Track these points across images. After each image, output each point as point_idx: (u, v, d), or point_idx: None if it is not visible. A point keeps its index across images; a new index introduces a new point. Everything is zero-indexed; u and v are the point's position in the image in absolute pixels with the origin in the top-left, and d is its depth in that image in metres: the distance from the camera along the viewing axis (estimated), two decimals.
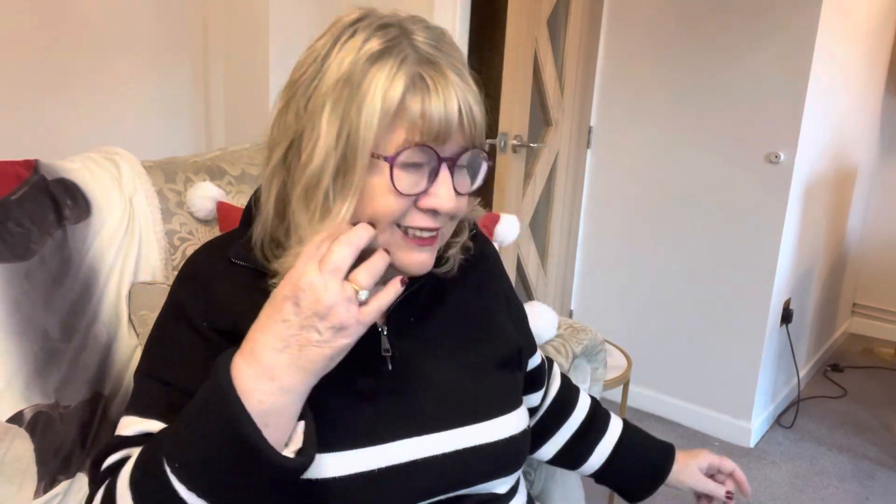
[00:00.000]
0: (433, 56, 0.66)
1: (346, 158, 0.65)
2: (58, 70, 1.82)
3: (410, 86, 0.64)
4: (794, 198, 2.30)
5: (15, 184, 1.07)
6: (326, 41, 0.68)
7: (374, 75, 0.64)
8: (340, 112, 0.65)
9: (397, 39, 0.66)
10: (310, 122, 0.67)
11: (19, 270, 1.02)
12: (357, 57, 0.65)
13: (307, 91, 0.67)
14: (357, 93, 0.64)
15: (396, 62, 0.64)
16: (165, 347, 0.75)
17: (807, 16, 2.14)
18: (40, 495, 0.98)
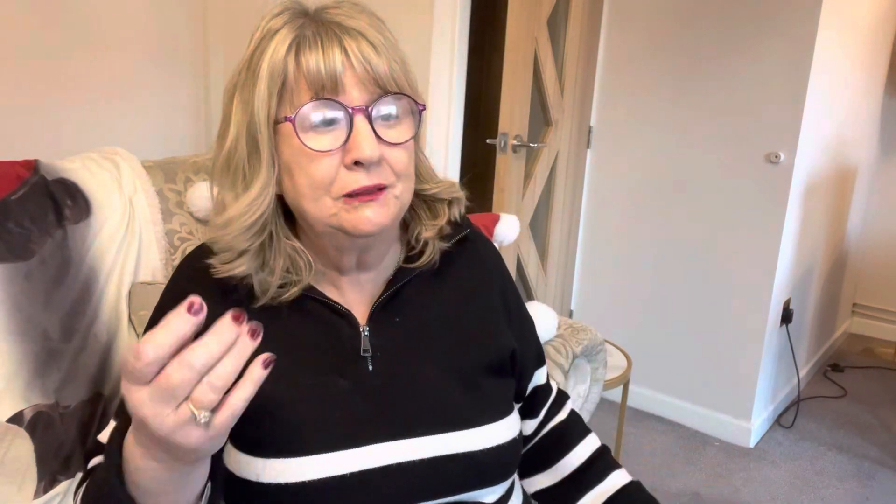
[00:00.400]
0: (323, 17, 0.68)
1: (250, 132, 0.68)
2: (58, 70, 1.82)
3: (291, 47, 0.66)
4: (794, 198, 2.30)
5: (15, 184, 1.07)
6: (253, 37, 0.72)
7: (267, 49, 0.67)
8: (246, 93, 0.69)
9: (301, 14, 0.69)
10: (228, 110, 0.71)
11: (19, 270, 1.02)
12: (259, 38, 0.69)
13: (228, 87, 0.72)
14: (255, 70, 0.68)
15: (290, 31, 0.67)
16: None
17: (807, 16, 2.14)
18: (40, 495, 0.98)
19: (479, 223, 1.43)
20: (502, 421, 0.77)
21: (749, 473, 2.28)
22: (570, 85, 2.45)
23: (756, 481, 2.23)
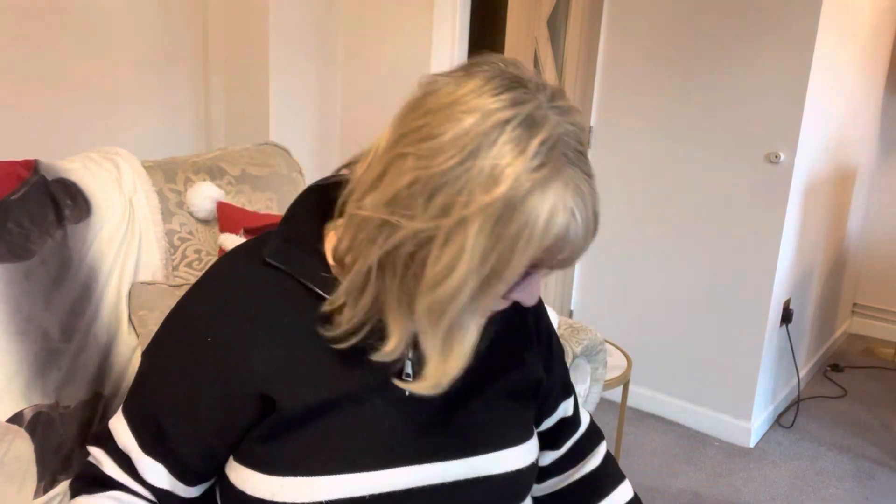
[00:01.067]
0: (583, 176, 0.61)
1: (486, 285, 0.60)
2: (58, 70, 1.82)
3: (568, 218, 0.59)
4: (794, 198, 2.30)
5: (15, 184, 1.07)
6: (474, 127, 0.58)
7: (536, 205, 0.57)
8: (493, 235, 0.58)
9: (557, 158, 0.59)
10: (451, 230, 0.58)
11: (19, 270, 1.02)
12: (518, 177, 0.57)
13: (448, 186, 0.58)
14: (515, 219, 0.57)
15: (559, 190, 0.58)
16: (160, 360, 0.73)
17: (807, 16, 2.14)
18: (40, 495, 0.98)
19: None
20: (523, 445, 0.78)
21: (749, 473, 2.28)
22: (570, 85, 2.45)
23: (756, 481, 2.23)
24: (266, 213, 1.33)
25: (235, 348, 0.68)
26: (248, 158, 1.44)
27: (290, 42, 2.13)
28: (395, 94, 2.40)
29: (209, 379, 0.69)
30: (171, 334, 0.73)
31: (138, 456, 0.71)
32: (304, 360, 0.69)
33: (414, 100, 0.64)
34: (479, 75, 0.61)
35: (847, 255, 3.27)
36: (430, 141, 0.59)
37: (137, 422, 0.72)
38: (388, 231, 0.61)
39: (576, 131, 0.62)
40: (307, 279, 0.69)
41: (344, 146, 2.40)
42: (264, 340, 0.68)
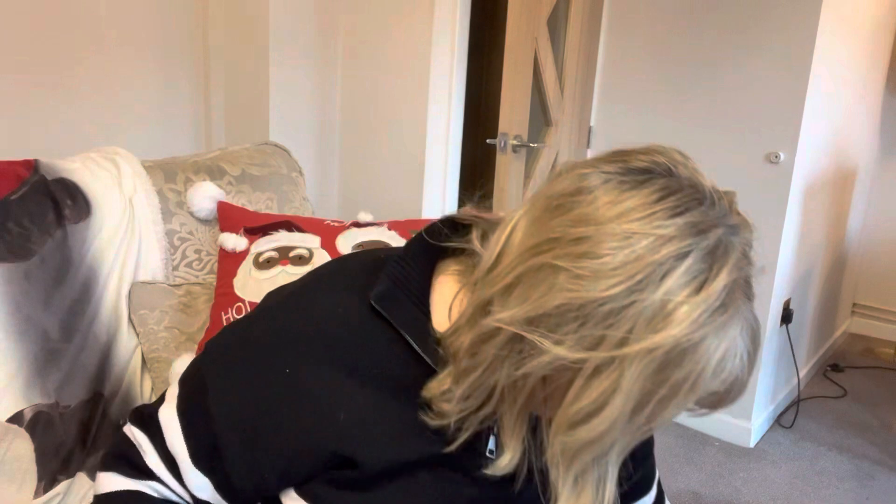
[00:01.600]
0: (751, 302, 0.54)
1: (636, 428, 0.53)
2: (58, 70, 1.82)
3: (737, 365, 0.53)
4: (794, 198, 2.30)
5: (15, 184, 1.07)
6: (648, 254, 0.50)
7: (708, 350, 0.51)
8: (655, 380, 0.51)
9: (731, 292, 0.51)
10: (603, 363, 0.51)
11: (19, 270, 1.02)
12: (696, 320, 0.50)
13: (608, 317, 0.50)
14: (684, 365, 0.51)
15: (733, 338, 0.52)
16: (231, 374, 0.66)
17: (807, 16, 2.14)
18: (40, 495, 0.98)
19: None
20: None
21: (749, 473, 2.28)
22: (570, 85, 2.45)
23: (756, 481, 2.23)
24: (266, 213, 1.33)
25: (320, 397, 0.62)
26: (248, 158, 1.45)
27: (290, 42, 2.13)
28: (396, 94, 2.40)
29: (284, 421, 0.63)
30: (247, 349, 0.66)
31: (187, 466, 0.67)
32: (391, 416, 0.63)
33: (562, 196, 0.55)
34: (648, 184, 0.54)
35: (847, 255, 3.27)
36: (591, 260, 0.51)
37: (192, 430, 0.67)
38: (524, 349, 0.53)
39: (751, 253, 0.55)
40: (413, 338, 0.62)
41: (344, 146, 2.40)
42: (353, 391, 0.62)
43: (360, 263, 0.70)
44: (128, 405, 1.13)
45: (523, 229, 0.56)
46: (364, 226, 1.28)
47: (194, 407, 0.67)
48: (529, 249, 0.54)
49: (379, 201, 2.36)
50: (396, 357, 0.63)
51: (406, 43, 2.12)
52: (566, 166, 0.59)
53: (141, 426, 0.72)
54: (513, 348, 0.54)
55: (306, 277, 0.71)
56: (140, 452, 0.71)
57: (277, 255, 1.19)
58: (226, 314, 1.15)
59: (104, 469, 0.72)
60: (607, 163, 0.57)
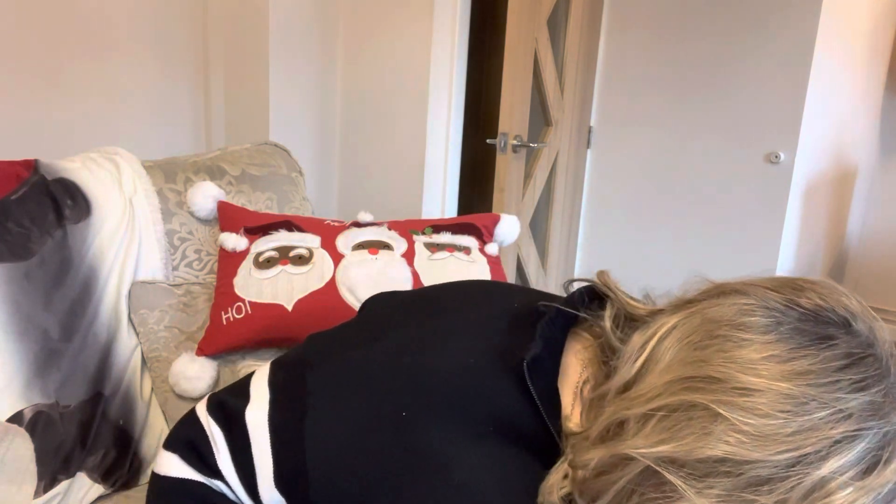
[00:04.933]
0: None
1: None
2: (58, 70, 1.82)
3: None
4: (794, 198, 2.30)
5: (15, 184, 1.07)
6: (824, 427, 0.47)
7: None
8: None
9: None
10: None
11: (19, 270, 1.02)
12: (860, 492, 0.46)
13: (765, 482, 0.47)
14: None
15: None
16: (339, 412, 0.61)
17: (807, 16, 2.14)
18: (40, 495, 0.98)
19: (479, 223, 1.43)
20: None
21: None
22: (570, 85, 2.45)
23: None
24: (266, 213, 1.33)
25: (436, 452, 0.57)
26: (248, 158, 1.45)
27: (290, 42, 2.13)
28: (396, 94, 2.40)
29: (390, 470, 0.58)
30: (363, 378, 0.62)
31: (267, 483, 0.63)
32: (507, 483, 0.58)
33: (724, 326, 0.52)
34: (830, 348, 0.49)
35: (847, 255, 3.27)
36: (759, 419, 0.47)
37: (282, 449, 0.63)
38: (660, 488, 0.49)
39: None
40: (547, 413, 0.58)
41: (344, 146, 2.40)
42: (470, 450, 0.58)
43: (507, 311, 0.65)
44: (128, 405, 1.13)
45: (674, 351, 0.52)
46: (364, 226, 1.28)
47: (289, 425, 0.63)
48: (682, 381, 0.50)
49: (379, 201, 2.36)
50: (524, 425, 0.59)
51: (406, 43, 2.12)
52: (726, 287, 0.56)
53: (220, 421, 0.68)
54: (648, 483, 0.50)
55: (436, 307, 0.66)
56: (213, 448, 0.67)
57: (277, 255, 1.19)
58: (226, 314, 1.15)
59: (169, 449, 0.69)
60: (772, 292, 0.53)
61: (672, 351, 0.52)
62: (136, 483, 1.12)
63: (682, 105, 2.42)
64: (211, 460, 0.67)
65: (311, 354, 0.68)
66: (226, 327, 1.14)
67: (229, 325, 1.14)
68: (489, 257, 1.35)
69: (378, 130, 2.31)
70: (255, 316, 1.13)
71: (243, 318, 1.14)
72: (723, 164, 2.36)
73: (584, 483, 0.54)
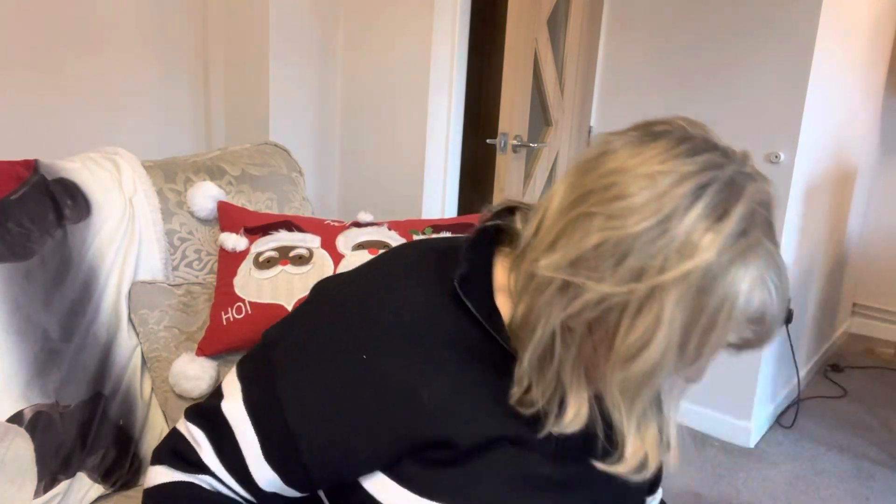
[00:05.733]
0: (776, 248, 0.60)
1: (685, 361, 0.58)
2: (58, 70, 1.82)
3: (765, 294, 0.58)
4: (794, 198, 2.30)
5: (15, 184, 1.07)
6: (671, 189, 0.56)
7: (737, 278, 0.55)
8: (693, 307, 0.55)
9: (753, 216, 0.57)
10: (644, 297, 0.56)
11: (19, 270, 1.02)
12: (721, 246, 0.55)
13: (641, 250, 0.55)
14: (716, 291, 0.55)
15: (760, 265, 0.57)
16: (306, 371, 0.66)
17: (807, 16, 2.14)
18: (40, 495, 0.98)
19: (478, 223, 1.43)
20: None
21: (749, 473, 2.28)
22: (570, 85, 2.45)
23: (756, 481, 2.23)
24: (266, 213, 1.33)
25: (401, 380, 0.63)
26: (248, 158, 1.45)
27: (290, 42, 2.13)
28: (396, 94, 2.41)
29: (367, 407, 0.64)
30: (320, 338, 0.67)
31: (257, 463, 0.67)
32: (473, 395, 0.65)
33: (589, 159, 0.61)
34: (666, 136, 0.59)
35: (847, 255, 3.27)
36: (620, 201, 0.56)
37: (263, 424, 0.66)
38: (571, 293, 0.58)
39: (771, 201, 0.60)
40: (488, 323, 0.65)
41: (344, 146, 2.40)
42: (433, 373, 0.64)
43: (432, 251, 0.72)
44: (128, 405, 1.13)
45: (560, 194, 0.61)
46: (364, 226, 1.28)
47: (263, 400, 0.67)
48: (567, 206, 0.59)
49: (379, 201, 2.36)
50: (473, 340, 0.65)
51: (406, 43, 2.12)
52: (594, 138, 0.63)
53: (200, 422, 0.70)
54: (562, 295, 0.58)
55: (371, 268, 0.73)
56: (194, 448, 0.70)
57: (277, 255, 1.19)
58: (226, 314, 1.15)
59: (155, 463, 0.72)
60: (629, 130, 0.63)
61: (559, 196, 0.61)
62: (135, 483, 1.12)
63: (682, 105, 2.42)
64: (194, 458, 0.69)
65: (270, 338, 0.71)
66: (226, 327, 1.14)
67: (229, 325, 1.14)
68: None
69: (378, 130, 2.31)
70: (255, 316, 1.14)
71: (243, 318, 1.14)
72: None
73: (524, 337, 0.62)
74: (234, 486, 0.69)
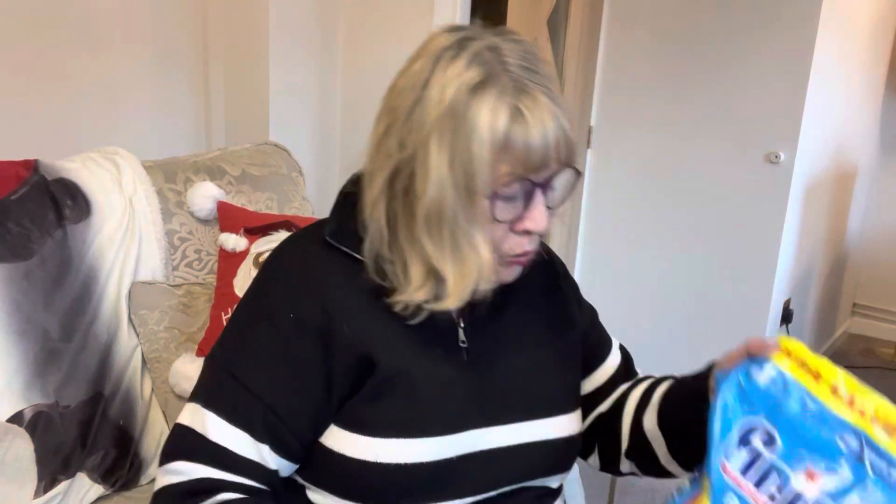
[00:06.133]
0: (527, 82, 0.66)
1: (466, 191, 0.66)
2: (57, 70, 1.82)
3: (512, 119, 0.65)
4: (794, 198, 2.30)
5: (15, 184, 1.07)
6: (424, 65, 0.68)
7: (477, 107, 0.65)
8: (448, 143, 0.66)
9: (493, 66, 0.66)
10: (418, 150, 0.67)
11: (19, 270, 1.02)
12: (458, 87, 0.65)
13: (409, 118, 0.68)
14: (463, 124, 0.65)
15: (495, 93, 0.65)
16: (248, 350, 0.74)
17: (807, 16, 2.14)
18: (40, 495, 0.98)
19: None
20: (575, 413, 0.83)
21: None
22: (570, 85, 2.45)
23: None
24: (266, 213, 1.33)
25: (324, 323, 0.71)
26: (248, 158, 1.45)
27: (290, 42, 2.13)
28: None
29: (308, 354, 0.72)
30: (253, 323, 0.75)
31: (251, 449, 0.71)
32: (379, 324, 0.73)
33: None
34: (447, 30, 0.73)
35: (847, 255, 3.27)
36: (391, 91, 0.71)
37: (243, 416, 0.71)
38: (384, 172, 0.70)
39: (518, 48, 0.69)
40: (361, 255, 0.74)
41: (344, 146, 2.40)
42: (344, 311, 0.72)
43: (311, 226, 0.82)
44: (128, 405, 1.13)
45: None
46: None
47: (229, 395, 0.72)
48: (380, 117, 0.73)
49: None
50: (361, 281, 0.73)
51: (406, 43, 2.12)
52: None
53: (176, 458, 0.72)
54: (380, 176, 0.71)
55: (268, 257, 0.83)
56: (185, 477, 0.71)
57: None
58: (226, 314, 1.15)
59: (164, 462, 0.73)
60: None
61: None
62: (136, 483, 1.12)
63: (683, 105, 2.41)
64: (193, 484, 0.70)
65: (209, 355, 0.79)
66: None
67: None
68: None
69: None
70: None
71: None
72: (723, 164, 2.36)
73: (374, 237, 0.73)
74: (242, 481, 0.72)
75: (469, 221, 0.68)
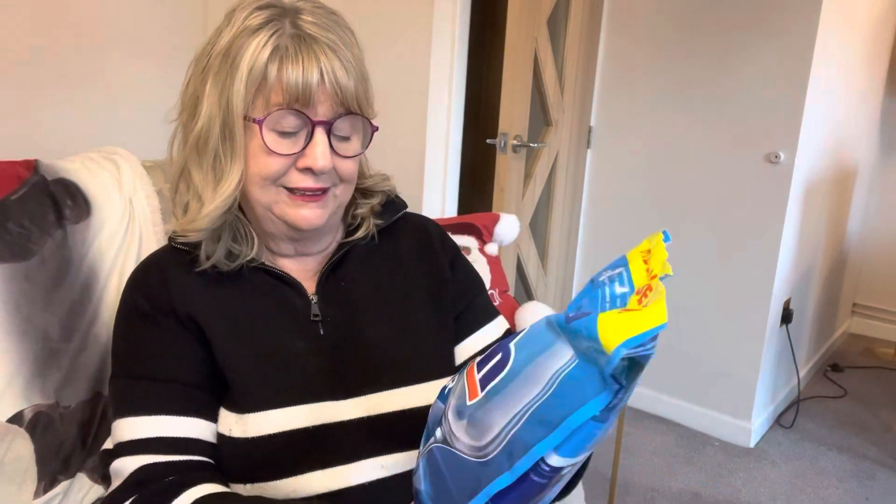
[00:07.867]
0: (307, 31, 0.73)
1: (226, 123, 0.74)
2: (57, 70, 1.82)
3: (273, 54, 0.72)
4: (794, 198, 2.30)
5: (15, 184, 1.07)
6: (223, 22, 0.76)
7: (247, 46, 0.72)
8: (221, 81, 0.74)
9: (278, 16, 0.73)
10: (200, 90, 0.76)
11: (19, 270, 1.02)
12: (240, 30, 0.73)
13: (199, 64, 0.77)
14: (232, 63, 0.73)
15: (268, 34, 0.72)
16: (136, 347, 0.79)
17: (807, 16, 2.14)
18: (40, 495, 0.98)
19: (478, 223, 1.43)
20: (442, 380, 0.82)
21: (749, 473, 2.28)
22: (570, 85, 2.45)
23: (756, 481, 2.23)
24: None
25: (169, 301, 0.78)
26: None
27: None
28: (396, 94, 2.40)
29: (171, 323, 0.78)
30: (125, 325, 0.81)
31: (180, 427, 0.75)
32: (220, 308, 0.79)
33: None
34: None
35: (847, 255, 3.27)
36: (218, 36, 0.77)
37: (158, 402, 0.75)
38: (182, 117, 0.79)
39: (319, 11, 0.75)
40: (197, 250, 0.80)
41: None
42: (187, 294, 0.79)
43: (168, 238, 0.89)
44: None
45: None
46: None
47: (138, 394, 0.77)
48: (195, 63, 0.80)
49: None
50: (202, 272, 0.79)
51: (406, 43, 2.12)
52: None
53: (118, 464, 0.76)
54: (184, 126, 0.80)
55: None
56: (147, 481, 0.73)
57: None
58: None
59: None
60: None
61: None
62: None
63: (683, 105, 2.42)
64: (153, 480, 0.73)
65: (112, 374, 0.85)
66: None
67: None
68: (489, 257, 1.35)
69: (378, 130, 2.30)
70: None
71: None
72: (723, 164, 2.36)
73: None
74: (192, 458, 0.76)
75: (230, 150, 0.74)
